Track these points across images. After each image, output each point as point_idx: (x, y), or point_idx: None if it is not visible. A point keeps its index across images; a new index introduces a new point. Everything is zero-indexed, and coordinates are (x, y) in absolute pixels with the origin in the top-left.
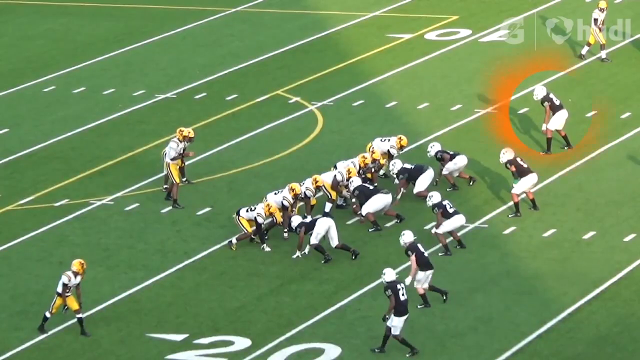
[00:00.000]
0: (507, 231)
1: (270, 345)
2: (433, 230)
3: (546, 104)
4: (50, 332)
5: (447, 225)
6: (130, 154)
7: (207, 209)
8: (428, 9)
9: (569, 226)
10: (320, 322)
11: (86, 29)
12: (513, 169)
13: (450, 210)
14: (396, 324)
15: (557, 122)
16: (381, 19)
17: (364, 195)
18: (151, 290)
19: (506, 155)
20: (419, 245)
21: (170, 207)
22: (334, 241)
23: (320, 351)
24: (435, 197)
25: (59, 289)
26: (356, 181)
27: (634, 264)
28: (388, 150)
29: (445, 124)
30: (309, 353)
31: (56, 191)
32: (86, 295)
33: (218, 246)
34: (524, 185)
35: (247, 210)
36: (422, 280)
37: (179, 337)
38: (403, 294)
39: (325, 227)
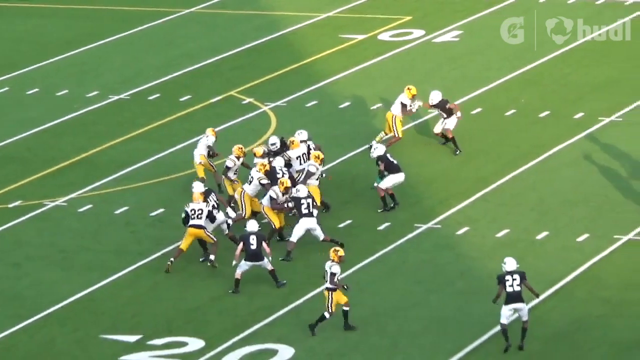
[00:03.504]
0: (460, 232)
1: (224, 346)
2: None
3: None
4: (5, 333)
5: (389, 181)
6: (84, 155)
7: (161, 210)
8: (381, 10)
9: (522, 226)
10: (275, 323)
11: (40, 31)
12: (382, 167)
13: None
14: (503, 312)
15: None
16: (335, 20)
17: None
18: (106, 291)
19: (377, 151)
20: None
21: (127, 208)
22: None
23: (274, 352)
24: (379, 149)
25: None
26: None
27: (588, 264)
28: (402, 103)
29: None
30: (263, 354)
31: (10, 192)
32: (42, 296)
33: (172, 247)
34: (390, 182)
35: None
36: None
37: (133, 338)
38: (511, 285)
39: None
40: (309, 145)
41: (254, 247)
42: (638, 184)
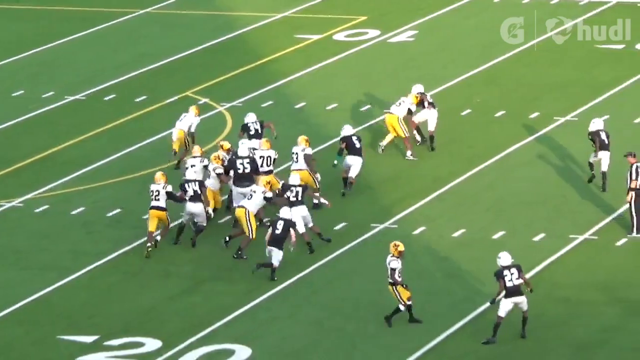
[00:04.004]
0: (416, 231)
1: (181, 346)
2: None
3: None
4: None
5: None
6: (41, 155)
7: (117, 210)
8: (337, 10)
9: (479, 226)
10: (231, 323)
11: None
12: (343, 145)
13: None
14: (502, 306)
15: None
16: (290, 20)
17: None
18: (63, 292)
19: (344, 131)
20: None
21: (83, 208)
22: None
23: (231, 352)
24: (347, 130)
25: None
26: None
27: (544, 264)
28: (409, 109)
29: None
30: (220, 354)
31: None
32: None
33: (129, 247)
34: (348, 162)
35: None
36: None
37: (89, 339)
38: (510, 280)
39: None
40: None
41: (278, 232)
42: (593, 184)
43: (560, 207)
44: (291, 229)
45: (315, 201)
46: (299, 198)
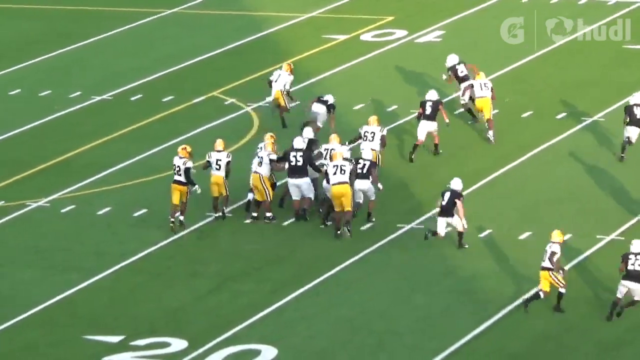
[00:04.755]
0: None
1: (207, 346)
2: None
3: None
4: None
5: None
6: (66, 156)
7: (143, 211)
8: (364, 10)
9: (506, 226)
10: (258, 323)
11: (21, 32)
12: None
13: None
14: (620, 287)
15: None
16: (317, 20)
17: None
18: (87, 293)
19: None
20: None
21: (109, 208)
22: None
23: (257, 352)
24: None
25: None
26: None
27: (571, 264)
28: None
29: (382, 124)
30: (246, 354)
31: None
32: (21, 298)
33: (155, 247)
34: None
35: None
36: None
37: (115, 339)
38: (632, 264)
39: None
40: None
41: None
42: (620, 183)
43: (588, 207)
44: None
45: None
46: (364, 171)
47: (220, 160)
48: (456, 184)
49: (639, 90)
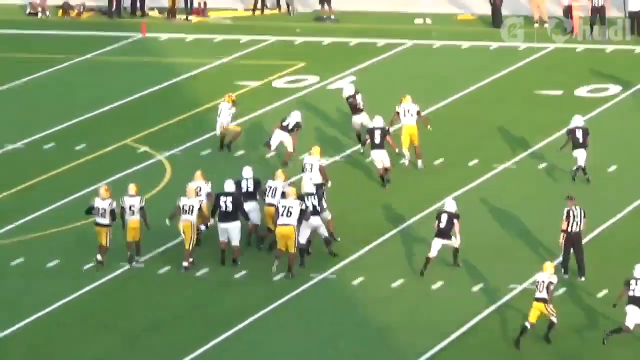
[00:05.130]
0: (355, 282)
1: None
2: None
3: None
4: None
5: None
6: None
7: (57, 261)
8: (275, 56)
9: (417, 276)
10: None
11: None
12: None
13: None
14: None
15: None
16: (229, 67)
17: None
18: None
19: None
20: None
21: (22, 259)
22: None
23: None
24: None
25: None
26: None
27: (482, 314)
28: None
29: (295, 171)
30: None
31: None
32: None
33: (69, 298)
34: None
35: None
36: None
37: None
38: (632, 289)
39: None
40: None
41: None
42: (534, 232)
43: (499, 256)
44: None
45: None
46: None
47: (133, 205)
48: (451, 205)
49: (575, 116)
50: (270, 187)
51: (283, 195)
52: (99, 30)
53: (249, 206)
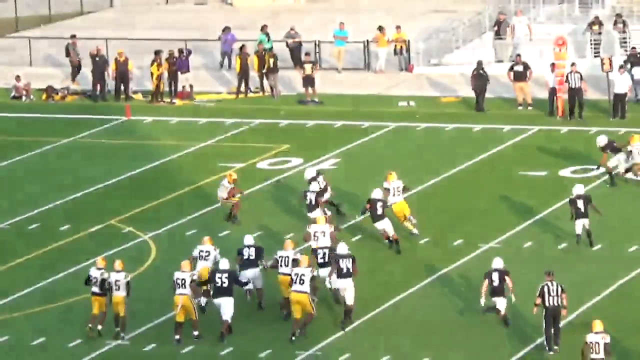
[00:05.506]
0: (341, 358)
1: None
2: None
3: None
4: None
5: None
6: None
7: (42, 339)
8: (258, 139)
9: (403, 352)
10: None
11: None
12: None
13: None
14: None
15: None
16: (213, 149)
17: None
18: None
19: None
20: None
21: (7, 337)
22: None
23: None
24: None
25: None
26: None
27: None
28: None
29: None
30: None
31: None
32: None
33: None
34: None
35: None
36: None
37: None
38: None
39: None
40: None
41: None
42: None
43: (482, 333)
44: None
45: None
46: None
47: (119, 280)
48: (499, 263)
49: (576, 185)
50: (282, 257)
51: (295, 263)
52: (84, 113)
53: (252, 273)
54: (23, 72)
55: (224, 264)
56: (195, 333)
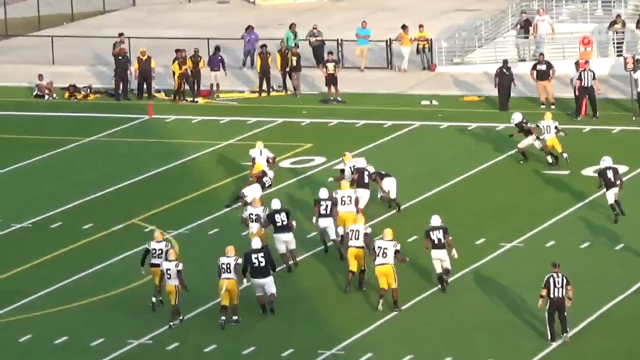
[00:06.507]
0: (364, 358)
1: None
2: None
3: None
4: None
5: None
6: None
7: (64, 338)
8: (281, 137)
9: (427, 351)
10: None
11: None
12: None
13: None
14: None
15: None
16: (235, 147)
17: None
18: None
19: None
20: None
21: (30, 336)
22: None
23: None
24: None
25: None
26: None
27: None
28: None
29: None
30: None
31: None
32: None
33: None
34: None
35: None
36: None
37: None
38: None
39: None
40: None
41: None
42: (535, 309)
43: (505, 333)
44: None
45: None
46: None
47: (170, 269)
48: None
49: (604, 157)
50: (352, 230)
51: (366, 237)
52: (106, 112)
53: (287, 237)
54: (45, 70)
55: (256, 242)
56: (235, 317)
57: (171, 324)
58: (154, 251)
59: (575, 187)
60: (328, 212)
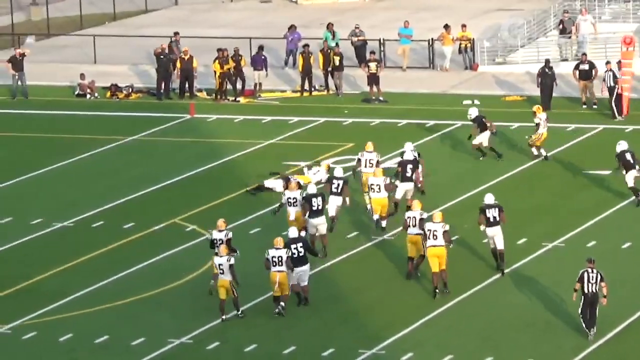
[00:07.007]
0: (404, 357)
1: None
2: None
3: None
4: None
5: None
6: (28, 283)
7: (105, 337)
8: (323, 137)
9: (467, 351)
10: None
11: None
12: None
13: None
14: None
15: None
16: (277, 147)
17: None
18: None
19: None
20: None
21: (71, 335)
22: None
23: None
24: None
25: None
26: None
27: None
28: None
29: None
30: None
31: None
32: None
33: None
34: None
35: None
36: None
37: None
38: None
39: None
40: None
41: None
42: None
43: (546, 333)
44: None
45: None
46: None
47: (222, 264)
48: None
49: (620, 141)
50: (409, 217)
51: (421, 222)
52: (148, 111)
53: (319, 220)
54: (87, 70)
55: (293, 232)
56: (282, 304)
57: (239, 313)
58: (214, 241)
59: (616, 187)
60: (339, 191)
